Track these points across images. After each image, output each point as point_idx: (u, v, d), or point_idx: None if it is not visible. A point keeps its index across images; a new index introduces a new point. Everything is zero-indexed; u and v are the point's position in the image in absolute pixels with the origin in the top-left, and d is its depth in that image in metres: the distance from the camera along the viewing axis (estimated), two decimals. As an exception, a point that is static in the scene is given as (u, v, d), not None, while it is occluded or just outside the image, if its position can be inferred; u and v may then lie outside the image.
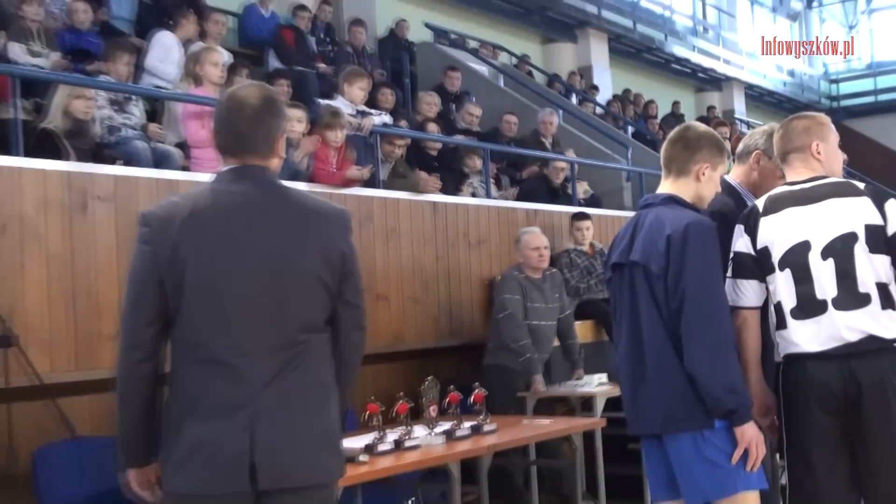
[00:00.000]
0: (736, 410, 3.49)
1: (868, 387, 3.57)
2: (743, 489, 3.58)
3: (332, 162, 6.91)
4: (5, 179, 5.08)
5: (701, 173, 3.76)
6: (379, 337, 6.91)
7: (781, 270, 3.71)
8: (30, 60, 7.46)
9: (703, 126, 4.09)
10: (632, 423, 3.88)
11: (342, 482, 4.15)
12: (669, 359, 3.60)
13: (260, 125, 3.06)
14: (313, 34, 11.24)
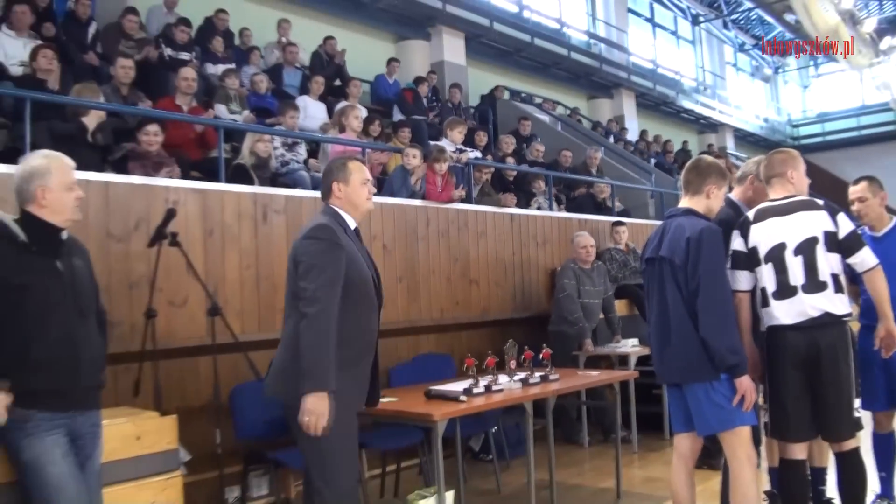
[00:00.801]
0: (736, 366, 3.56)
1: (825, 349, 3.67)
2: (740, 424, 3.65)
3: (439, 185, 6.88)
4: (214, 198, 5.15)
5: (710, 192, 3.83)
6: (471, 310, 6.92)
7: (766, 264, 3.78)
8: (229, 116, 7.58)
9: (711, 158, 4.13)
10: (659, 375, 3.94)
11: (447, 416, 4.19)
12: (688, 328, 3.64)
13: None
14: (424, 94, 11.22)
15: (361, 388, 3.47)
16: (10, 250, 2.94)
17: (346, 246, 3.37)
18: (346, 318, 3.32)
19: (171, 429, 3.57)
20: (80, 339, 3.01)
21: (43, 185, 3.03)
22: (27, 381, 2.88)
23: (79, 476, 2.98)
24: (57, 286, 2.99)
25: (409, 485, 5.58)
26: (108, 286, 4.31)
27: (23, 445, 2.89)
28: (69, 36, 7.62)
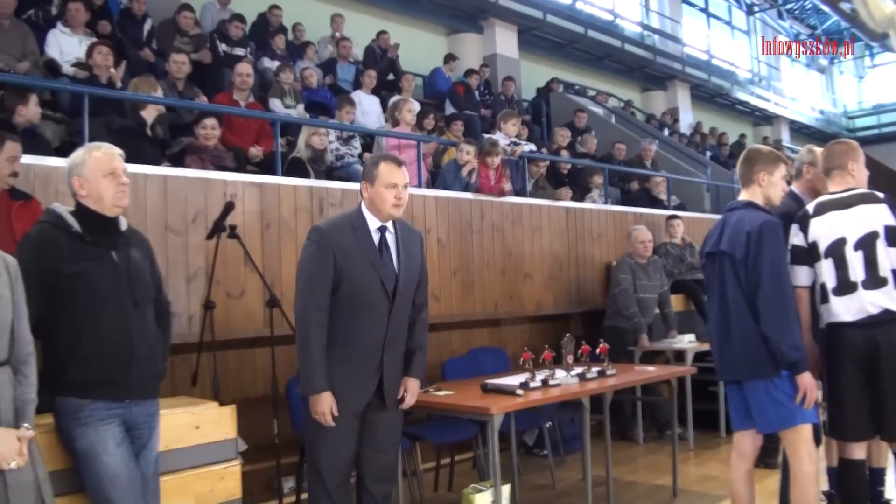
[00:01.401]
0: (797, 363, 3.49)
1: (885, 347, 3.58)
2: (801, 422, 3.58)
3: (492, 178, 6.85)
4: (271, 192, 5.20)
5: (761, 179, 3.75)
6: (525, 305, 6.88)
7: (826, 259, 3.70)
8: (284, 111, 7.62)
9: (759, 145, 4.11)
10: (720, 372, 3.86)
11: (504, 410, 4.17)
12: (748, 324, 3.57)
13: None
14: (477, 88, 11.19)
15: (358, 388, 3.53)
16: (65, 240, 2.97)
17: (337, 246, 3.46)
18: (339, 318, 3.47)
19: (229, 419, 3.60)
20: (135, 330, 3.02)
21: (79, 175, 3.06)
22: (81, 371, 2.91)
23: (133, 465, 2.99)
24: (111, 276, 3.01)
25: (463, 478, 5.58)
26: (167, 278, 4.35)
27: (77, 434, 2.91)
28: (124, 33, 7.74)
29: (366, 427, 3.58)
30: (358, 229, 3.54)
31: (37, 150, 4.67)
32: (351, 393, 3.51)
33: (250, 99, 7.09)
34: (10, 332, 2.59)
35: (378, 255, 3.55)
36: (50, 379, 2.91)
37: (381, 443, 3.64)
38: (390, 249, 3.60)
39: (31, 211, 4.04)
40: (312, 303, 3.44)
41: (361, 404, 3.54)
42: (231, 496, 3.55)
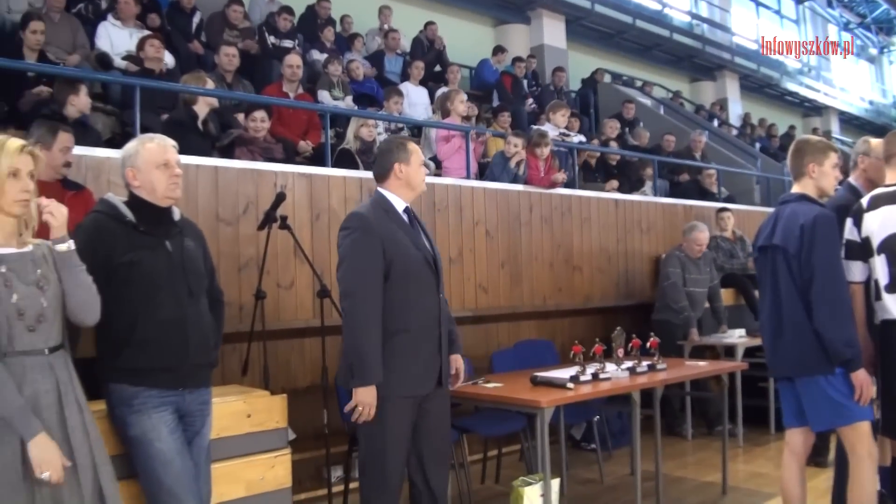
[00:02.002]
0: (852, 360, 3.42)
1: None
2: (858, 419, 3.50)
3: (541, 169, 6.81)
4: (321, 183, 5.24)
5: (812, 171, 3.67)
6: (574, 297, 6.84)
7: (879, 255, 3.57)
8: (332, 102, 7.65)
9: (807, 136, 3.98)
10: (772, 368, 3.79)
11: (554, 403, 4.15)
12: (802, 319, 3.50)
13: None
14: (524, 78, 11.14)
15: (424, 371, 3.49)
16: (119, 230, 3.00)
17: (381, 231, 3.43)
18: (395, 302, 3.40)
19: (280, 408, 3.62)
20: (190, 319, 3.04)
21: (132, 166, 3.08)
22: (135, 359, 2.94)
23: (185, 452, 3.01)
24: (165, 265, 3.03)
25: (510, 470, 5.58)
26: (218, 268, 4.35)
27: (130, 421, 2.94)
28: (174, 25, 7.83)
29: (421, 413, 3.53)
30: (390, 212, 3.54)
31: (88, 141, 4.75)
32: (417, 377, 3.47)
33: (299, 91, 7.14)
34: (62, 317, 2.63)
35: (417, 234, 3.59)
36: (104, 365, 2.95)
37: (440, 429, 3.62)
38: (419, 228, 3.65)
39: (83, 201, 4.11)
40: (367, 291, 3.35)
41: (429, 387, 3.51)
42: (281, 484, 3.56)
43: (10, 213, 2.55)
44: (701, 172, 9.74)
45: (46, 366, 2.54)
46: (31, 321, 2.51)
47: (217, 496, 3.24)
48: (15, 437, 2.42)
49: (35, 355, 2.51)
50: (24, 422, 2.45)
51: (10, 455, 2.40)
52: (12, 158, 2.50)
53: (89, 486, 2.57)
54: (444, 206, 5.97)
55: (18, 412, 2.43)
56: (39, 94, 5.54)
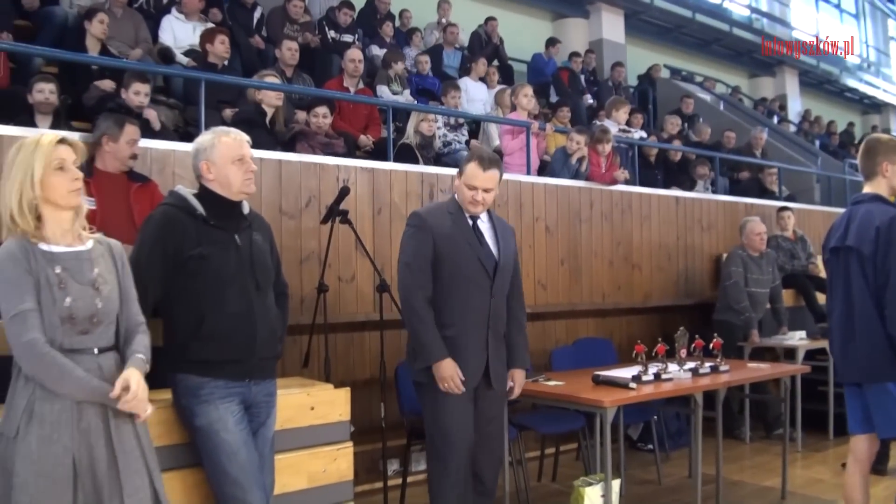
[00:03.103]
0: None
1: None
2: None
3: (602, 166, 6.74)
4: (382, 177, 5.26)
5: (885, 170, 3.59)
6: (633, 295, 6.78)
7: None
8: (392, 97, 7.66)
9: (878, 134, 3.89)
10: (840, 373, 3.67)
11: (617, 403, 4.11)
12: (874, 324, 3.40)
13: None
14: (582, 73, 11.04)
15: (468, 366, 3.60)
16: (189, 223, 3.01)
17: (434, 229, 3.63)
18: (444, 299, 3.61)
19: (343, 400, 3.63)
20: (258, 312, 3.06)
21: (207, 159, 3.09)
22: (203, 350, 2.96)
23: (251, 443, 3.03)
24: (234, 259, 3.05)
25: (566, 469, 5.55)
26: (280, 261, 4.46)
27: (197, 411, 2.96)
28: (235, 20, 7.89)
29: (476, 412, 3.67)
30: (453, 214, 3.71)
31: (153, 133, 4.83)
32: (465, 373, 3.59)
33: (360, 85, 7.16)
34: (117, 319, 2.61)
35: (475, 236, 3.70)
36: (171, 356, 2.98)
37: (490, 426, 3.73)
38: (484, 234, 3.74)
39: (149, 193, 4.18)
40: (415, 281, 3.60)
41: (471, 385, 3.62)
42: (343, 477, 3.58)
43: (67, 206, 2.54)
44: (762, 170, 9.54)
45: (95, 366, 2.51)
46: (84, 324, 2.49)
47: (280, 487, 3.26)
48: (65, 434, 2.42)
49: (83, 354, 2.50)
50: (100, 389, 2.47)
51: (60, 451, 2.41)
52: (54, 152, 2.50)
53: (146, 490, 2.56)
54: (505, 202, 5.95)
55: (89, 385, 2.45)
56: (105, 87, 5.64)
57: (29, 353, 2.38)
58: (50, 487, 2.38)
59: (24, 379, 2.43)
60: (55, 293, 2.44)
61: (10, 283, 2.40)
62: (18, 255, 2.42)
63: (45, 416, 2.41)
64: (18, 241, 2.46)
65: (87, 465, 2.45)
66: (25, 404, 2.41)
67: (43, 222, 2.50)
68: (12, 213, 2.45)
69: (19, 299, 2.39)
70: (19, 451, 2.38)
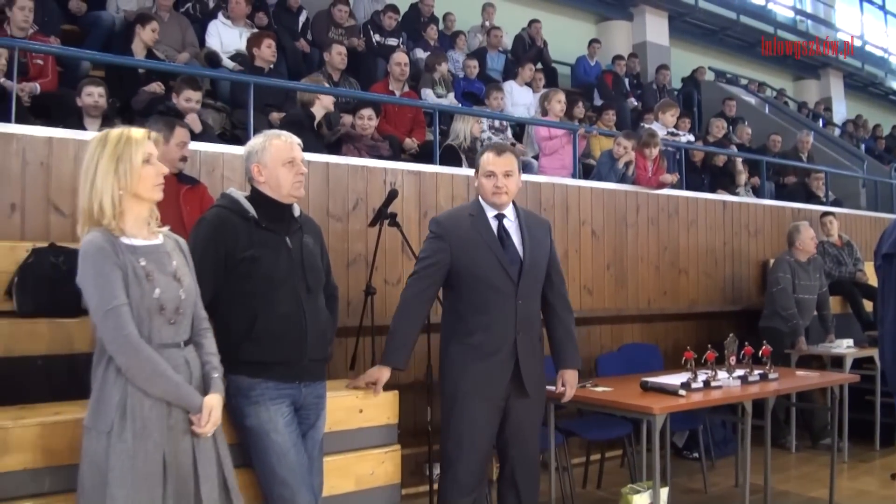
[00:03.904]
0: None
1: None
2: None
3: (649, 169, 6.67)
4: (429, 181, 5.26)
5: None
6: (679, 301, 6.70)
7: None
8: (436, 100, 7.67)
9: None
10: (891, 382, 3.47)
11: (666, 410, 4.05)
12: None
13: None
14: (626, 76, 10.96)
15: (495, 375, 3.52)
16: (241, 225, 3.03)
17: (453, 236, 3.57)
18: (467, 306, 3.55)
19: (392, 404, 3.64)
20: (308, 314, 3.07)
21: (258, 162, 3.11)
22: (254, 351, 2.97)
23: (300, 444, 3.04)
24: (285, 261, 3.06)
25: (612, 476, 5.50)
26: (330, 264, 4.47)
27: (248, 412, 2.98)
28: (280, 24, 7.96)
29: (507, 417, 3.58)
30: (475, 217, 3.62)
31: (201, 136, 4.87)
32: (485, 379, 3.52)
33: (405, 89, 7.18)
34: (192, 311, 2.66)
35: (497, 240, 3.59)
36: (222, 357, 2.97)
37: (524, 432, 3.63)
38: (510, 235, 3.63)
39: (199, 195, 4.21)
40: (414, 283, 3.60)
41: (498, 391, 3.53)
42: (390, 480, 3.58)
43: (150, 198, 2.58)
44: (808, 175, 9.39)
45: (182, 360, 2.58)
46: (171, 314, 2.54)
47: (328, 489, 3.26)
48: (156, 430, 2.47)
49: (172, 348, 2.55)
50: (188, 398, 2.53)
51: (151, 448, 2.45)
52: (142, 146, 2.55)
53: (215, 479, 2.61)
54: (551, 206, 5.92)
55: (178, 390, 2.50)
56: (154, 91, 5.70)
57: (127, 347, 2.41)
58: (143, 482, 2.42)
59: (114, 373, 2.45)
60: (144, 285, 2.48)
61: (102, 277, 2.42)
62: (107, 248, 2.45)
63: (137, 413, 2.44)
64: (103, 233, 2.48)
65: (174, 460, 2.51)
66: (118, 400, 2.44)
67: (123, 215, 2.53)
68: (102, 204, 2.48)
69: (113, 293, 2.42)
70: (115, 446, 2.41)
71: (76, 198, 4.09)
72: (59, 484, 2.71)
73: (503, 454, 3.65)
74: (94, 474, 2.42)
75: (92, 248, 2.44)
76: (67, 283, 3.58)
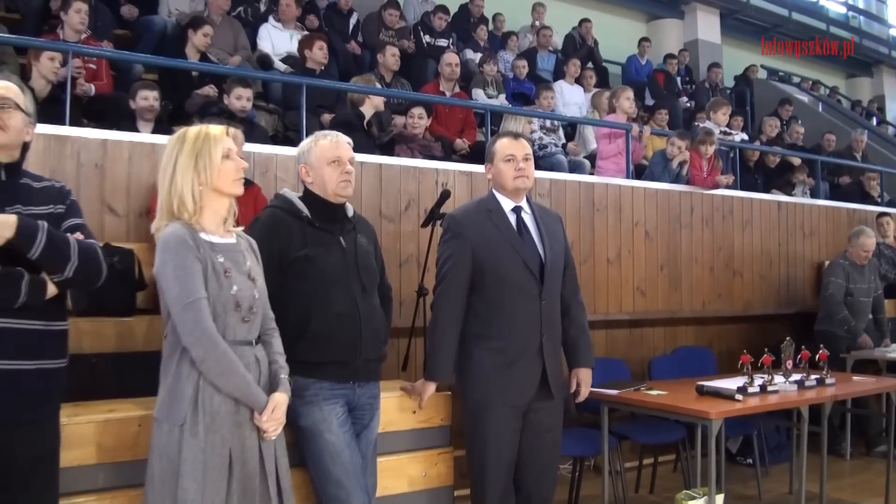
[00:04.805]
0: None
1: None
2: None
3: (704, 169, 6.54)
4: (481, 181, 5.23)
5: None
6: (734, 303, 6.58)
7: None
8: (487, 100, 7.60)
9: None
10: None
11: (723, 415, 3.96)
12: None
13: None
14: (678, 75, 10.81)
15: (520, 379, 3.36)
16: (295, 225, 3.04)
17: (472, 234, 3.37)
18: (490, 308, 3.36)
19: (445, 405, 3.60)
20: (363, 314, 3.05)
21: (305, 162, 3.12)
22: (309, 351, 2.96)
23: (354, 444, 3.02)
24: (339, 261, 3.05)
25: (664, 481, 5.40)
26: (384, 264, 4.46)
27: (302, 412, 2.96)
28: (331, 27, 7.98)
29: (525, 423, 3.42)
30: (493, 212, 3.44)
31: (254, 138, 4.89)
32: (513, 385, 3.36)
33: (456, 89, 7.15)
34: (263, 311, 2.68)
35: (517, 236, 3.42)
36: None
37: (544, 439, 3.45)
38: (530, 231, 3.47)
39: (252, 196, 4.24)
40: (446, 292, 3.38)
41: (526, 397, 3.38)
42: (443, 482, 3.55)
43: (230, 193, 2.61)
44: (863, 174, 9.14)
45: (253, 357, 2.58)
46: (246, 312, 2.55)
47: (381, 490, 3.25)
48: (224, 425, 2.48)
49: (244, 345, 2.56)
50: (256, 397, 2.53)
51: (219, 442, 2.47)
52: (222, 142, 2.57)
53: (273, 476, 2.62)
54: (604, 206, 5.85)
55: (248, 388, 2.51)
56: (206, 94, 5.75)
57: (205, 340, 2.42)
58: (211, 475, 2.44)
59: (188, 366, 2.46)
60: (222, 281, 2.50)
61: (183, 270, 2.44)
62: (189, 241, 2.47)
63: (207, 406, 2.46)
64: (184, 226, 2.50)
65: (240, 456, 2.52)
66: (191, 393, 2.46)
67: (202, 211, 2.55)
68: (183, 199, 2.51)
69: (194, 286, 2.43)
70: (187, 439, 2.43)
71: (130, 199, 4.24)
72: (114, 480, 2.75)
73: (521, 459, 3.45)
74: (166, 466, 2.44)
75: (174, 240, 2.46)
76: (122, 283, 3.66)
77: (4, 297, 2.26)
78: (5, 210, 2.33)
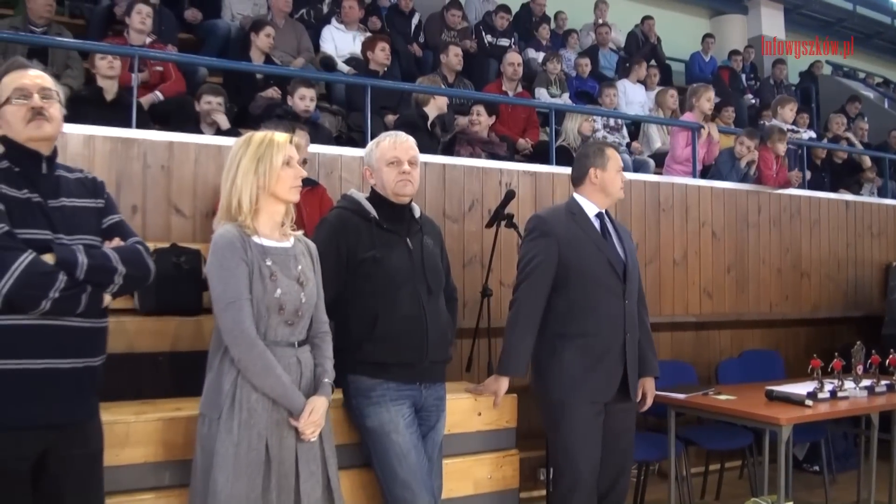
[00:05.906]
0: None
1: None
2: None
3: (774, 168, 6.35)
4: (545, 181, 5.19)
5: None
6: (801, 306, 6.40)
7: None
8: (550, 100, 7.52)
9: None
10: None
11: (793, 421, 3.84)
12: None
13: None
14: (742, 72, 10.57)
15: (603, 377, 3.38)
16: (362, 225, 3.03)
17: (559, 234, 3.42)
18: (576, 306, 3.38)
19: (510, 407, 3.56)
20: (429, 315, 3.03)
21: (367, 164, 3.14)
22: (375, 352, 2.95)
23: (420, 446, 3.01)
24: (406, 262, 3.04)
25: (730, 487, 5.28)
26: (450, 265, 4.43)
27: (369, 413, 2.96)
28: (393, 28, 7.97)
29: (604, 424, 3.43)
30: (576, 215, 3.51)
31: (319, 139, 4.91)
32: (597, 383, 3.38)
33: (518, 89, 7.09)
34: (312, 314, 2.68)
35: (602, 237, 3.50)
36: (343, 357, 2.95)
37: (621, 441, 3.48)
38: (611, 235, 3.54)
39: (318, 197, 4.25)
40: (531, 289, 3.42)
41: (609, 394, 3.40)
42: (508, 485, 3.51)
43: (287, 199, 2.64)
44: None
45: (294, 359, 2.60)
46: (290, 315, 2.57)
47: (446, 491, 3.22)
48: (261, 421, 2.50)
49: (285, 347, 2.58)
50: (292, 400, 2.54)
51: (255, 438, 2.49)
52: (284, 149, 2.60)
53: (318, 477, 2.62)
54: (670, 206, 5.72)
55: (284, 390, 2.52)
56: (270, 96, 5.78)
57: (244, 341, 2.46)
58: (244, 470, 2.46)
59: (229, 363, 2.51)
60: (266, 284, 2.53)
61: (228, 271, 2.49)
62: (237, 243, 2.51)
63: (244, 402, 2.49)
64: (236, 227, 2.55)
65: (278, 454, 2.53)
66: (229, 388, 2.49)
67: (258, 213, 2.59)
68: (241, 200, 2.55)
69: (237, 287, 2.48)
70: (221, 432, 2.46)
71: (196, 199, 4.29)
72: (178, 478, 2.77)
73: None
74: (205, 459, 2.49)
75: (222, 241, 2.51)
76: (188, 283, 3.70)
77: (67, 307, 2.29)
78: (49, 203, 2.35)
